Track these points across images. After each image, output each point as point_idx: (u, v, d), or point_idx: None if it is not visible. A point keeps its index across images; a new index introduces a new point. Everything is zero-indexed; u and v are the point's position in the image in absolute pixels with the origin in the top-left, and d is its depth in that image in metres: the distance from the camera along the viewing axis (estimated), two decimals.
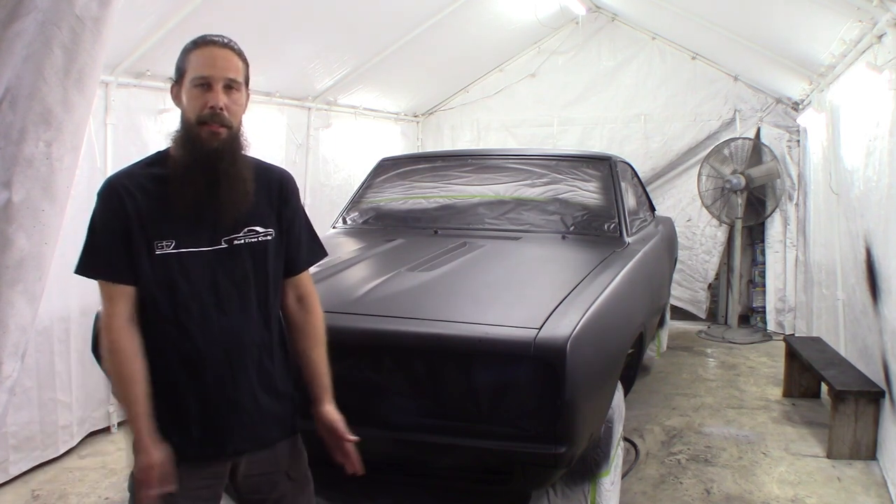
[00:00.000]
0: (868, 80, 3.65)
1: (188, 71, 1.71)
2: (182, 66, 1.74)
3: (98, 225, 1.71)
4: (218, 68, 1.70)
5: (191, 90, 1.70)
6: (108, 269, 1.69)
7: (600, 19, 7.15)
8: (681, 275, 6.88)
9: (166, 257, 1.70)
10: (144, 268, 1.70)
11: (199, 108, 1.69)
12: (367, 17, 5.22)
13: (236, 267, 1.77)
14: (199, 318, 1.72)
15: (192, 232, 1.73)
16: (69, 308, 3.79)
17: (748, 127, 6.69)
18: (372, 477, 2.81)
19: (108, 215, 1.70)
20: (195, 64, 1.71)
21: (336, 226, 4.37)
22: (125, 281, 1.69)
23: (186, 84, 1.71)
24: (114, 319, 1.67)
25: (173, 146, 1.75)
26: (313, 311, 1.94)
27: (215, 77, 1.69)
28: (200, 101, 1.69)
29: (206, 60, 1.70)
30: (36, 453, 3.68)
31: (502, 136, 7.52)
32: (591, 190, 4.13)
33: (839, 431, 3.84)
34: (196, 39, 1.75)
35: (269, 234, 1.83)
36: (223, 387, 1.75)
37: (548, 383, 2.33)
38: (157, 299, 1.71)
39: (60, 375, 3.81)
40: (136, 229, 1.69)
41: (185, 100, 1.72)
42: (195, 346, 1.72)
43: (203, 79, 1.69)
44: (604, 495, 2.80)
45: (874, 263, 3.66)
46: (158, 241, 1.70)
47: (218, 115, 1.69)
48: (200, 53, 1.72)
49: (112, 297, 1.68)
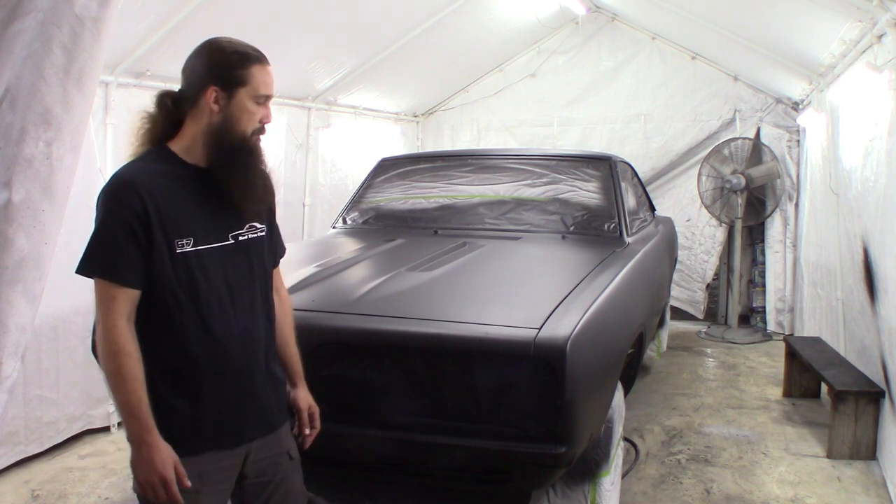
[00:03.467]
0: (868, 80, 3.65)
1: (249, 84, 1.75)
2: (240, 75, 1.74)
3: (112, 222, 1.66)
4: (272, 87, 1.81)
5: (250, 103, 1.76)
6: (118, 270, 1.66)
7: (600, 19, 7.16)
8: (679, 275, 6.88)
9: (186, 255, 1.72)
10: (166, 267, 1.70)
11: (256, 122, 1.78)
12: (367, 17, 5.22)
13: (242, 262, 1.83)
14: (219, 314, 1.76)
15: (206, 229, 1.76)
16: (59, 306, 3.76)
17: (748, 127, 6.69)
18: (372, 477, 2.83)
19: (124, 212, 1.66)
20: (260, 80, 1.76)
21: (336, 226, 4.37)
22: (134, 284, 1.67)
23: (244, 95, 1.75)
24: (117, 321, 1.65)
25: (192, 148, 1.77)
26: (286, 301, 2.07)
27: (272, 96, 1.81)
28: (257, 115, 1.78)
29: (268, 79, 1.79)
30: (19, 448, 3.70)
31: (502, 136, 7.52)
32: (591, 190, 4.13)
33: (839, 431, 3.84)
34: (252, 52, 1.78)
35: (264, 230, 1.91)
36: (240, 378, 1.81)
37: (548, 383, 2.33)
38: (179, 297, 1.72)
39: (48, 372, 3.81)
40: (158, 228, 1.68)
41: (239, 110, 1.75)
42: (217, 340, 1.76)
43: (266, 97, 1.79)
44: (604, 495, 2.80)
45: (871, 263, 3.66)
46: (178, 240, 1.71)
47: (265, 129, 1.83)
48: (262, 70, 1.77)
49: (115, 298, 1.66)
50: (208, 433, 1.77)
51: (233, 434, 1.82)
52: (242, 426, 1.83)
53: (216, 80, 1.73)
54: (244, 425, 1.83)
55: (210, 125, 1.75)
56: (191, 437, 1.74)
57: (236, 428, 1.82)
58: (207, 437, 1.77)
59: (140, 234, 1.66)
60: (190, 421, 1.75)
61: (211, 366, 1.76)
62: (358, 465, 2.68)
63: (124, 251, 1.66)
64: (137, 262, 1.67)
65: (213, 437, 1.78)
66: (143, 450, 1.65)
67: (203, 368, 1.75)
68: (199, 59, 1.77)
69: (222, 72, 1.74)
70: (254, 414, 1.85)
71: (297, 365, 2.05)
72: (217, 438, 1.79)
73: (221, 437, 1.80)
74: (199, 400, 1.76)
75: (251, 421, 1.85)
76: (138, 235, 1.66)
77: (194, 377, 1.75)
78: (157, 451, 1.65)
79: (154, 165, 1.75)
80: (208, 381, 1.76)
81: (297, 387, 2.04)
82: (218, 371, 1.77)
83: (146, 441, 1.65)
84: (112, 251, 1.66)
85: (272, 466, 1.92)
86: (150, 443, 1.65)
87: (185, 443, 1.73)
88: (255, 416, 1.85)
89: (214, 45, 1.77)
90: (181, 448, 1.71)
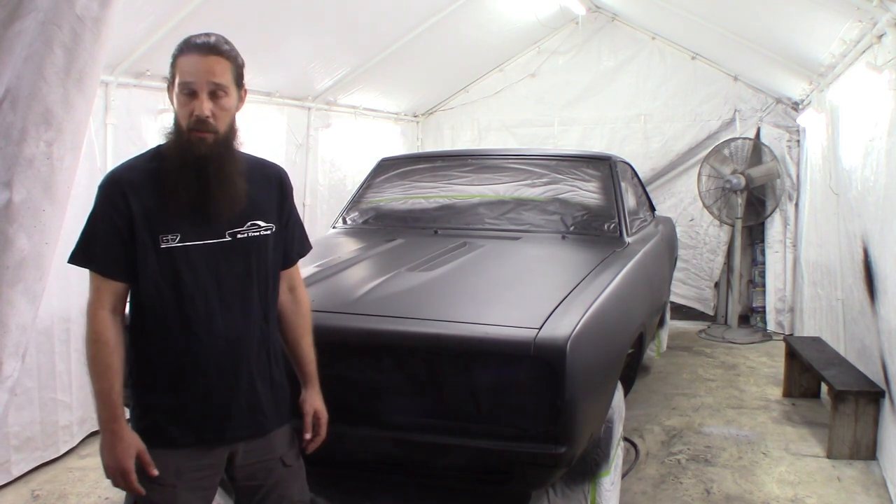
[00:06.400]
0: (868, 80, 3.65)
1: (177, 76, 1.74)
2: (173, 69, 1.76)
3: (98, 217, 1.74)
4: (201, 75, 1.71)
5: (179, 96, 1.73)
6: (100, 261, 1.72)
7: (600, 19, 7.16)
8: (686, 273, 6.94)
9: (172, 250, 1.73)
10: (150, 261, 1.72)
11: (187, 116, 1.72)
12: (367, 16, 5.22)
13: (239, 260, 1.81)
14: (204, 310, 1.76)
15: (196, 225, 1.76)
16: (70, 308, 3.78)
17: (748, 127, 6.69)
18: (372, 477, 2.83)
19: (109, 209, 1.72)
20: (181, 70, 1.73)
21: (336, 226, 4.37)
22: (115, 277, 1.73)
23: (177, 89, 1.73)
24: (99, 310, 1.71)
25: (166, 145, 1.78)
26: (303, 302, 2.02)
27: (199, 84, 1.71)
28: (188, 108, 1.72)
29: (190, 67, 1.71)
30: (37, 453, 3.68)
31: (502, 136, 7.52)
32: (591, 190, 4.13)
33: (839, 431, 3.84)
34: (181, 44, 1.75)
35: (271, 229, 1.87)
36: (224, 377, 1.79)
37: (548, 383, 2.33)
38: (162, 292, 1.73)
39: (61, 376, 3.81)
40: (141, 224, 1.71)
41: (176, 105, 1.75)
42: (199, 337, 1.75)
43: (187, 85, 1.71)
44: (604, 495, 2.80)
45: (871, 264, 3.66)
46: (164, 235, 1.73)
47: (203, 122, 1.71)
48: (185, 60, 1.73)
49: (99, 289, 1.72)
50: (187, 429, 1.77)
51: (214, 432, 1.79)
52: (226, 426, 1.80)
53: (169, 79, 1.78)
54: (227, 425, 1.80)
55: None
56: (168, 429, 1.75)
57: (218, 427, 1.80)
58: (185, 433, 1.77)
59: (123, 229, 1.71)
60: (168, 414, 1.76)
61: (191, 361, 1.76)
62: (358, 465, 2.68)
63: (107, 245, 1.71)
64: (120, 256, 1.71)
65: (192, 433, 1.77)
66: (107, 436, 1.69)
67: (183, 363, 1.76)
68: None
69: (169, 70, 1.77)
70: (239, 415, 1.81)
71: (310, 366, 2.01)
72: (196, 435, 1.78)
73: (201, 435, 1.78)
74: (177, 394, 1.76)
75: (236, 421, 1.81)
76: (121, 230, 1.71)
77: (174, 371, 1.76)
78: (119, 440, 1.68)
79: (147, 163, 1.78)
80: (189, 377, 1.76)
81: (306, 389, 2.01)
82: (199, 368, 1.76)
83: (111, 429, 1.69)
84: (95, 244, 1.72)
85: (263, 472, 1.89)
86: (114, 431, 1.68)
87: (163, 434, 1.75)
88: (241, 418, 1.82)
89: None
90: (158, 439, 1.74)
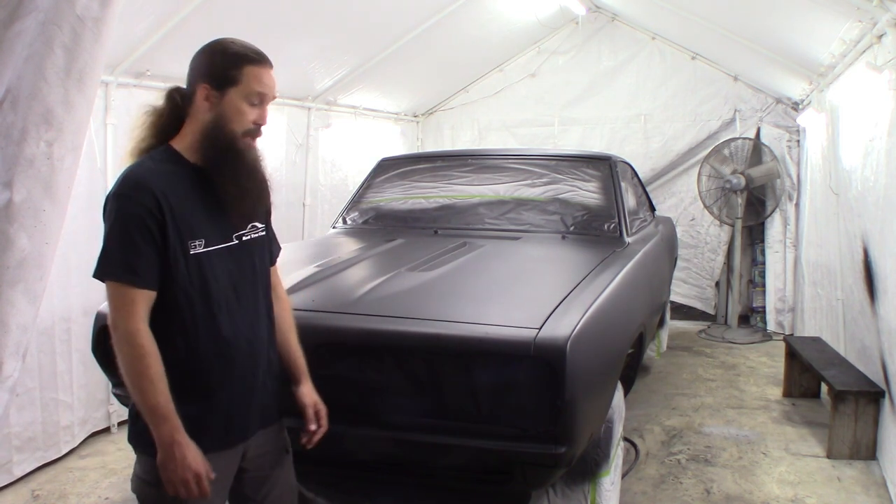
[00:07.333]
0: (868, 80, 3.65)
1: (243, 83, 1.73)
2: (233, 75, 1.73)
3: (133, 225, 1.64)
4: (272, 88, 1.78)
5: (241, 103, 1.74)
6: (144, 276, 1.65)
7: (600, 19, 7.16)
8: (687, 273, 6.95)
9: (199, 256, 1.73)
10: (180, 268, 1.70)
11: (248, 122, 1.76)
12: (367, 16, 5.22)
13: (246, 262, 1.85)
14: (227, 313, 1.77)
15: (214, 230, 1.77)
16: (71, 308, 3.79)
17: (748, 127, 6.69)
18: (372, 477, 2.83)
19: (143, 215, 1.64)
20: (255, 79, 1.74)
21: (336, 226, 4.37)
22: (151, 286, 1.67)
23: (236, 95, 1.73)
24: (139, 324, 1.64)
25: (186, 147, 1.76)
26: (284, 299, 2.07)
27: (270, 97, 1.78)
28: (251, 115, 1.76)
29: (267, 80, 1.77)
30: (38, 454, 3.68)
31: (502, 136, 7.52)
32: (591, 190, 4.13)
33: (839, 431, 3.84)
34: (251, 52, 1.76)
35: (263, 230, 1.93)
36: (246, 377, 1.83)
37: (548, 383, 2.33)
38: (192, 298, 1.72)
39: (62, 376, 3.81)
40: (172, 229, 1.68)
41: (231, 110, 1.74)
42: (227, 341, 1.77)
43: (261, 95, 1.76)
44: (604, 495, 2.80)
45: (871, 264, 3.66)
46: (192, 241, 1.72)
47: (259, 130, 1.79)
48: (261, 71, 1.76)
49: (135, 301, 1.64)
50: (217, 432, 1.78)
51: (238, 432, 1.84)
52: (247, 424, 1.85)
53: (209, 78, 1.74)
54: (248, 423, 1.85)
55: (203, 124, 1.75)
56: (199, 436, 1.72)
57: (242, 426, 1.84)
58: (215, 437, 1.78)
59: (156, 234, 1.66)
60: (199, 420, 1.74)
61: (220, 366, 1.77)
62: (358, 465, 2.68)
63: (143, 252, 1.64)
64: (155, 262, 1.66)
65: (221, 436, 1.79)
66: (174, 449, 1.64)
67: (213, 368, 1.76)
68: (198, 58, 1.79)
69: (216, 70, 1.74)
70: (257, 412, 1.87)
71: (300, 361, 2.04)
72: (224, 437, 1.80)
73: (228, 436, 1.81)
74: (208, 400, 1.76)
75: (255, 419, 1.87)
76: (154, 235, 1.65)
77: (204, 377, 1.76)
78: (188, 449, 1.66)
79: (163, 165, 1.74)
80: (217, 381, 1.77)
81: (300, 384, 2.02)
82: (227, 371, 1.78)
83: (177, 441, 1.64)
84: (130, 253, 1.64)
85: (270, 462, 1.95)
86: (180, 442, 1.65)
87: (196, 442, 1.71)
88: (257, 413, 1.87)
89: (216, 45, 1.78)
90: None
